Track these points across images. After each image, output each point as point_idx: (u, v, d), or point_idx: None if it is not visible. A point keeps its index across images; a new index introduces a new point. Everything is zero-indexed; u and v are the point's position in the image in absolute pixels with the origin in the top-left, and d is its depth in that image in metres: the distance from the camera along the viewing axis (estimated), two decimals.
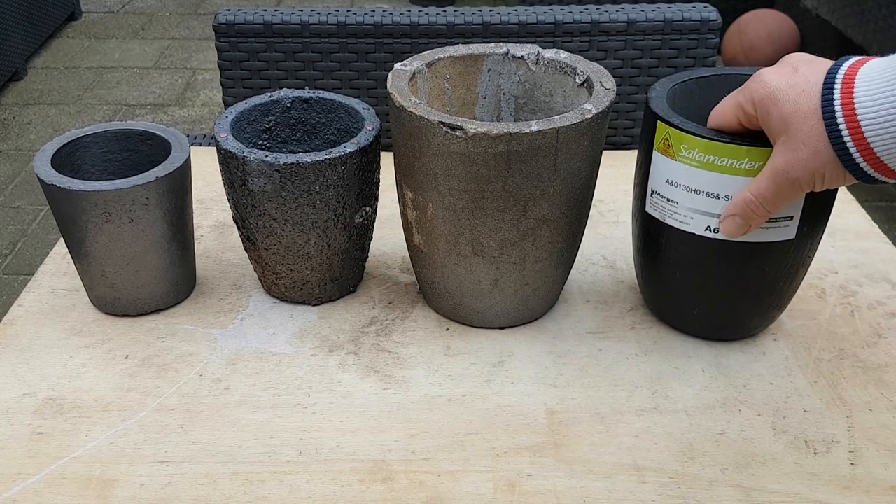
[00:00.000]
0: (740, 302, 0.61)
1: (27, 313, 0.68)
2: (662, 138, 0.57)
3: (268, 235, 0.65)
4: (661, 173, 0.58)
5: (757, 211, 0.53)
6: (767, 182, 0.51)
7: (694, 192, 0.56)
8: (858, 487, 0.54)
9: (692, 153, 0.55)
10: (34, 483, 0.53)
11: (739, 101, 0.52)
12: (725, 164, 0.54)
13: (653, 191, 0.59)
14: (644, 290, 0.67)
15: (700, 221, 0.57)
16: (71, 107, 2.67)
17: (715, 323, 0.64)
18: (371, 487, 0.53)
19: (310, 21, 1.07)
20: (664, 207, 0.59)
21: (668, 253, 0.61)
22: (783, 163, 0.50)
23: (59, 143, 0.66)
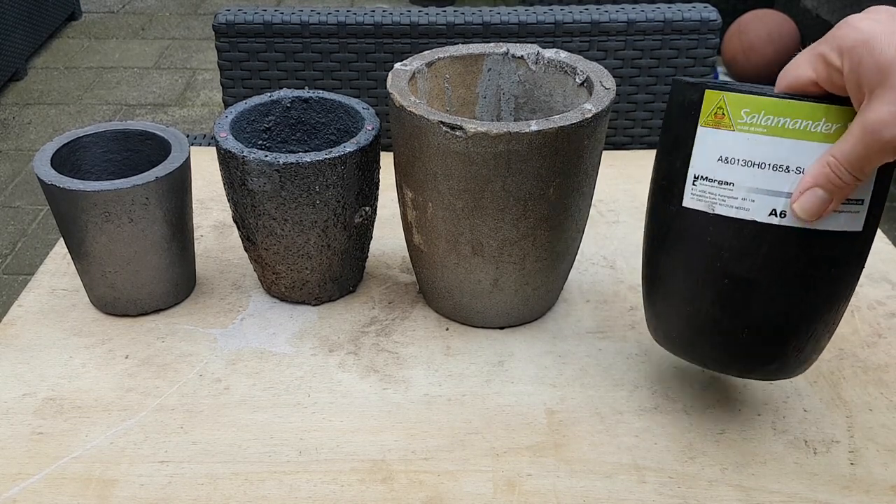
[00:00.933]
0: (802, 321, 0.49)
1: (27, 313, 0.68)
2: (713, 109, 0.48)
3: (268, 235, 0.65)
4: (709, 153, 0.48)
5: (843, 178, 0.45)
6: (855, 142, 0.44)
7: (757, 166, 0.47)
8: (858, 487, 0.54)
9: (757, 118, 0.46)
10: (34, 483, 0.53)
11: (820, 51, 0.45)
12: (799, 126, 0.46)
13: (697, 177, 0.49)
14: (666, 317, 0.53)
15: (763, 204, 0.47)
16: (71, 107, 2.67)
17: (767, 352, 0.50)
18: (371, 487, 0.53)
19: (310, 21, 1.07)
20: (714, 194, 0.48)
21: (715, 255, 0.49)
22: (878, 119, 0.42)
23: (59, 143, 0.66)
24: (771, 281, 0.48)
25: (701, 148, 0.49)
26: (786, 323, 0.49)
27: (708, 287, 0.50)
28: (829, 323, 0.50)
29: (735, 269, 0.49)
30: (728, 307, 0.49)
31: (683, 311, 0.51)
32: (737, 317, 0.49)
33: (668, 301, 0.52)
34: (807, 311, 0.49)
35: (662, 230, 0.52)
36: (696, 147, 0.49)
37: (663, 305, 0.53)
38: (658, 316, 0.54)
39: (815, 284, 0.48)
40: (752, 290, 0.48)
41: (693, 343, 0.52)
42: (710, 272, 0.49)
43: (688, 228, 0.50)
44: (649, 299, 0.54)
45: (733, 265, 0.48)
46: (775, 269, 0.48)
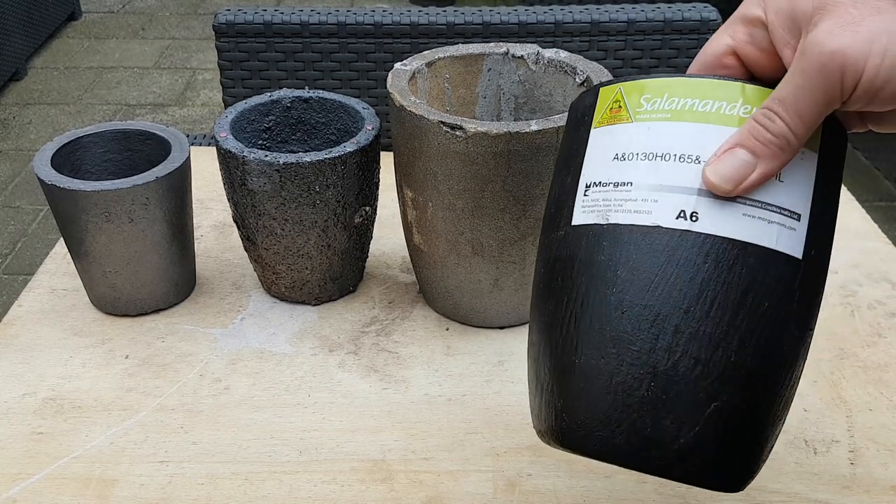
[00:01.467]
0: (735, 369, 0.34)
1: (27, 313, 0.68)
2: (609, 105, 0.38)
3: (268, 235, 0.65)
4: (604, 154, 0.37)
5: (773, 128, 0.34)
6: (789, 76, 0.33)
7: (660, 158, 0.35)
8: (858, 487, 0.54)
9: (659, 102, 0.36)
10: (34, 483, 0.53)
11: (738, 12, 0.37)
12: (711, 108, 0.35)
13: (589, 185, 0.37)
14: (559, 376, 0.36)
15: (668, 203, 0.35)
16: (71, 107, 2.67)
17: (686, 416, 0.34)
18: (371, 487, 0.53)
19: (310, 21, 1.07)
20: (609, 200, 0.36)
21: (611, 280, 0.35)
22: (823, 36, 0.31)
23: (59, 143, 0.66)
24: (683, 311, 0.34)
25: (594, 151, 0.38)
26: (706, 375, 0.34)
27: (600, 327, 0.35)
28: (772, 386, 0.35)
29: (634, 297, 0.34)
30: (627, 353, 0.34)
31: (572, 366, 0.36)
32: (639, 365, 0.34)
33: (555, 356, 0.36)
34: (736, 361, 0.34)
35: (547, 268, 0.38)
36: (589, 152, 0.38)
37: (548, 370, 0.37)
38: (543, 390, 0.37)
39: (744, 323, 0.34)
40: (657, 326, 0.34)
41: (587, 424, 0.35)
42: (604, 305, 0.35)
43: (576, 252, 0.37)
44: (534, 366, 0.39)
45: (631, 291, 0.34)
46: (688, 296, 0.34)
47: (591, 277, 0.36)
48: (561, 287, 0.37)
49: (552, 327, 0.37)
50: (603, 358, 0.35)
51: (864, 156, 2.30)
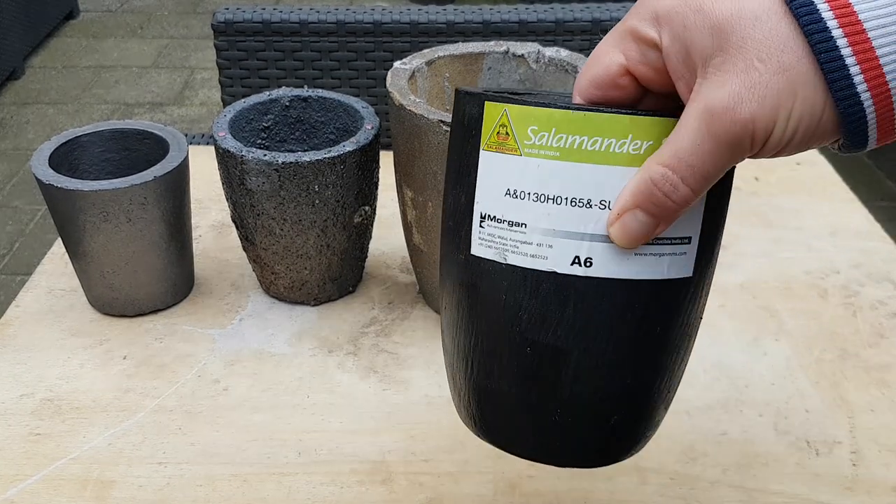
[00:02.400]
0: (625, 395, 0.39)
1: (25, 313, 0.68)
2: (496, 127, 0.36)
3: (266, 235, 0.65)
4: (496, 185, 0.37)
5: (674, 192, 0.32)
6: (694, 136, 0.31)
7: (552, 201, 0.36)
8: (860, 488, 0.53)
9: (547, 137, 0.35)
10: (32, 484, 0.53)
11: (629, 26, 0.34)
12: (599, 146, 0.34)
13: (484, 216, 0.37)
14: (468, 395, 0.40)
15: (563, 250, 0.36)
16: (69, 106, 2.67)
17: (586, 435, 0.39)
18: (371, 489, 0.53)
19: (309, 19, 1.07)
20: (505, 239, 0.37)
21: (513, 318, 0.37)
22: (727, 95, 0.30)
23: (57, 143, 0.66)
24: (583, 349, 0.37)
25: (485, 179, 0.37)
26: (606, 399, 0.38)
27: (508, 359, 0.38)
28: (662, 392, 0.39)
29: (538, 336, 0.37)
30: (534, 384, 0.37)
31: (485, 388, 0.39)
32: (546, 395, 0.38)
33: (469, 375, 0.40)
34: (632, 383, 0.38)
35: (454, 287, 0.40)
36: (480, 178, 0.37)
37: (463, 380, 0.40)
38: (459, 393, 0.41)
39: (639, 350, 0.37)
40: (561, 361, 0.37)
41: (501, 427, 0.40)
42: (509, 341, 0.37)
43: (478, 284, 0.38)
44: (449, 370, 0.42)
45: (535, 331, 0.37)
46: (587, 334, 0.36)
47: (496, 313, 0.38)
48: (469, 313, 0.39)
49: (464, 348, 0.40)
50: (514, 388, 0.38)
51: (867, 156, 2.30)
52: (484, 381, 0.39)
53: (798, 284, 0.72)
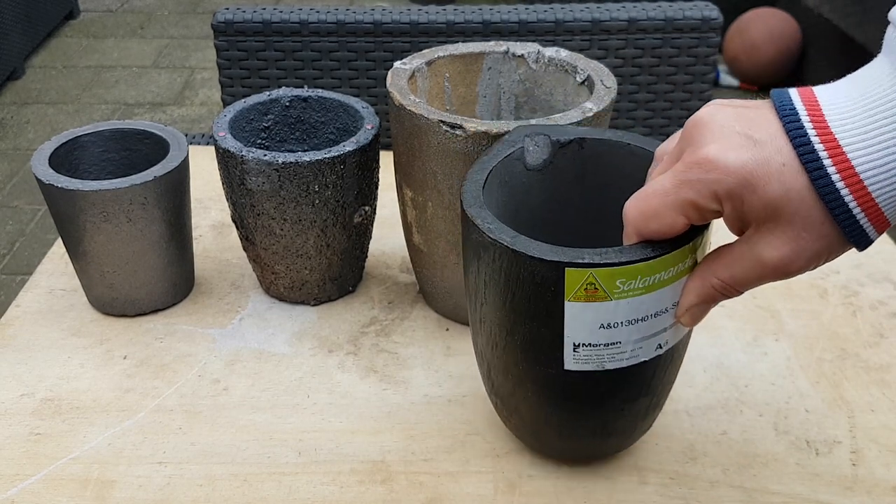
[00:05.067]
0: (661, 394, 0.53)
1: (25, 313, 0.68)
2: (583, 285, 0.44)
3: (266, 235, 0.65)
4: (588, 324, 0.45)
5: (729, 295, 0.43)
6: (748, 273, 0.41)
7: (641, 320, 0.46)
8: (860, 488, 0.53)
9: (633, 283, 0.44)
10: (32, 484, 0.53)
11: (689, 199, 0.40)
12: (673, 273, 0.44)
13: (578, 345, 0.46)
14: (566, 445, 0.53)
15: (650, 347, 0.47)
16: (69, 106, 2.67)
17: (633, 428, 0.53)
18: (371, 488, 0.53)
19: (309, 19, 1.07)
20: (601, 355, 0.46)
21: (611, 396, 0.49)
22: (778, 258, 0.39)
23: (57, 143, 0.66)
24: (663, 393, 0.52)
25: (576, 322, 0.45)
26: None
27: (604, 421, 0.51)
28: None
29: (630, 402, 0.50)
30: (623, 425, 0.52)
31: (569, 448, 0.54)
32: (636, 427, 0.53)
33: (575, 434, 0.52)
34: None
35: (546, 390, 0.49)
36: (570, 321, 0.45)
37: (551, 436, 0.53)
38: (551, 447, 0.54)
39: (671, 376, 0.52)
40: (640, 407, 0.51)
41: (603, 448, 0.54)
42: (610, 410, 0.50)
43: (579, 383, 0.48)
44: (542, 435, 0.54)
45: (629, 399, 0.50)
46: (664, 386, 0.51)
47: (599, 399, 0.49)
48: (564, 401, 0.50)
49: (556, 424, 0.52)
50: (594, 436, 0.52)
51: None
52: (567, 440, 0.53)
53: (798, 284, 0.72)
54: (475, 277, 0.48)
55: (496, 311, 0.48)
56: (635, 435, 0.53)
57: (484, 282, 0.47)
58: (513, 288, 0.46)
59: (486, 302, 0.48)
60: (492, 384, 0.53)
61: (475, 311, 0.50)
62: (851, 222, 0.37)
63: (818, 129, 0.37)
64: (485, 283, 0.47)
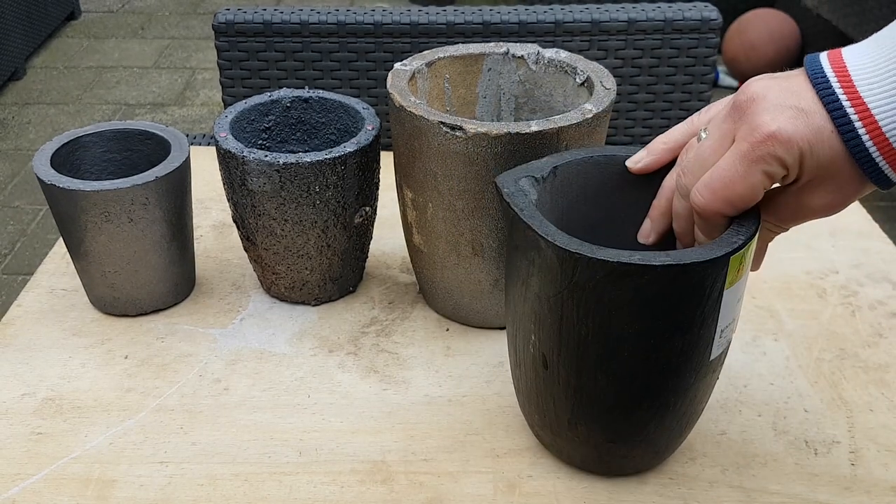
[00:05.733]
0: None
1: (26, 313, 0.68)
2: (738, 267, 0.46)
3: (267, 235, 0.65)
4: (731, 303, 0.47)
5: (776, 232, 0.49)
6: (795, 214, 0.47)
7: (739, 301, 0.49)
8: (859, 488, 0.54)
9: (751, 251, 0.47)
10: (33, 483, 0.53)
11: (766, 171, 0.44)
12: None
13: (721, 330, 0.48)
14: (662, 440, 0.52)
15: (731, 333, 0.50)
16: (70, 106, 2.67)
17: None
18: (371, 488, 0.53)
19: (309, 20, 1.07)
20: (731, 329, 0.49)
21: (711, 377, 0.51)
22: (823, 204, 0.46)
23: (59, 143, 0.66)
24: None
25: (725, 306, 0.47)
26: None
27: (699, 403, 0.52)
28: None
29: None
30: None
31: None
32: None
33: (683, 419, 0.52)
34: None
35: (684, 386, 0.49)
36: (722, 308, 0.47)
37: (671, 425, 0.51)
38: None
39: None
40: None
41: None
42: (705, 389, 0.51)
43: (716, 370, 0.50)
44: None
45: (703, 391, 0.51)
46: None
47: (708, 381, 0.51)
48: (699, 385, 0.50)
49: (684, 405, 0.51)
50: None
51: None
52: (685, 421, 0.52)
53: (797, 284, 0.72)
54: (596, 310, 0.46)
55: (633, 325, 0.46)
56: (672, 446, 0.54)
57: (624, 309, 0.45)
58: (669, 300, 0.45)
59: (619, 324, 0.46)
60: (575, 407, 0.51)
61: (571, 338, 0.47)
62: (878, 174, 0.43)
63: (849, 95, 0.42)
64: (625, 310, 0.45)
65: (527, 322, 0.49)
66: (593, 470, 0.54)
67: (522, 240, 0.47)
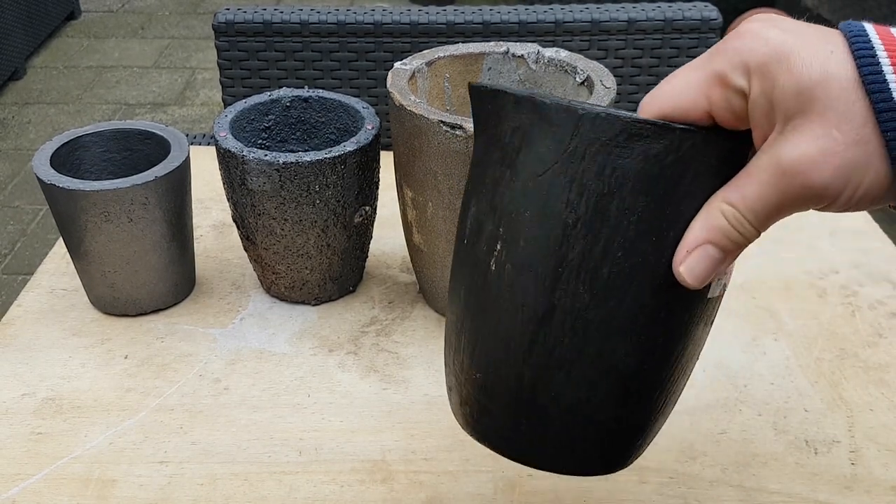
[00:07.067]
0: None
1: (26, 313, 0.68)
2: None
3: (267, 235, 0.65)
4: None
5: (744, 231, 0.34)
6: (765, 186, 0.33)
7: None
8: (859, 487, 0.54)
9: None
10: (34, 483, 0.53)
11: (718, 70, 0.33)
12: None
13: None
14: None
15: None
16: (70, 106, 2.67)
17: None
18: (371, 488, 0.53)
19: (309, 20, 1.07)
20: (727, 275, 0.39)
21: (702, 330, 0.40)
22: (801, 157, 0.31)
23: (59, 143, 0.66)
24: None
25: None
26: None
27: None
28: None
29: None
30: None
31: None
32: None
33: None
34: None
35: (676, 320, 0.38)
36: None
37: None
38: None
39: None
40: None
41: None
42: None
43: (709, 320, 0.39)
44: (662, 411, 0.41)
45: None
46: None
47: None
48: (692, 336, 0.40)
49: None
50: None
51: None
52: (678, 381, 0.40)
53: (797, 284, 0.72)
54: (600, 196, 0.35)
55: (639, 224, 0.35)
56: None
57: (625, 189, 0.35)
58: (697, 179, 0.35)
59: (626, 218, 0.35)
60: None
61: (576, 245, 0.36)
62: (890, 110, 0.30)
63: (881, 34, 0.32)
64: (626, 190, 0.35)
65: (491, 228, 0.38)
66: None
67: (504, 118, 0.39)
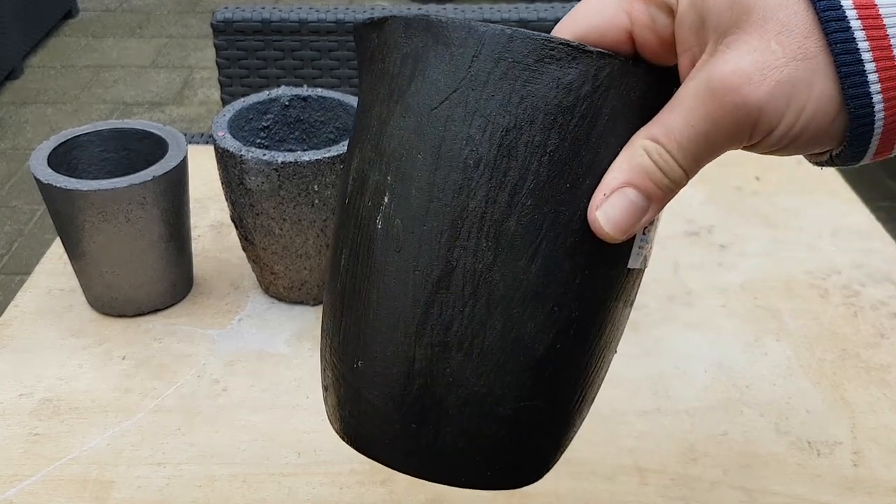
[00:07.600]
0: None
1: (23, 314, 0.68)
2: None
3: (266, 235, 0.64)
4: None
5: (674, 176, 0.29)
6: (688, 115, 0.28)
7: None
8: (861, 488, 0.53)
9: None
10: (31, 485, 0.53)
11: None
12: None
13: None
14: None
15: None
16: (68, 105, 2.66)
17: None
18: (371, 489, 0.53)
19: (308, 19, 1.06)
20: (648, 243, 0.33)
21: (621, 307, 0.34)
22: (730, 74, 0.26)
23: (56, 142, 0.66)
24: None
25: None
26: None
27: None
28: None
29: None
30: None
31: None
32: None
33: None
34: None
35: (593, 290, 0.31)
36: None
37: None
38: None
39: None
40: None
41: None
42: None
43: (629, 296, 0.34)
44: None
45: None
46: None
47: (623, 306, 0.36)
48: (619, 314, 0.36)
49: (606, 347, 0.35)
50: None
51: None
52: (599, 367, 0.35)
53: (799, 284, 0.72)
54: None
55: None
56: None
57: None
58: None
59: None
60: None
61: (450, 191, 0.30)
62: (848, 46, 0.26)
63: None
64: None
65: (377, 177, 0.32)
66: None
67: (392, 47, 0.34)
